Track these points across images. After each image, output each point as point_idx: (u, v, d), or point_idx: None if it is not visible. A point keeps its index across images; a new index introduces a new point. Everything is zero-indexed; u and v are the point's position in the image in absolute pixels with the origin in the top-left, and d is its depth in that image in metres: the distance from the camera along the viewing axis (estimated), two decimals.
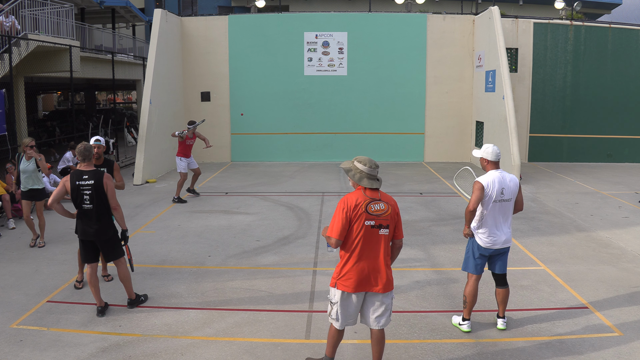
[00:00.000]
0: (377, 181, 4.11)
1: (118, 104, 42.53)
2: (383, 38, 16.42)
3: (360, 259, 3.96)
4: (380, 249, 4.01)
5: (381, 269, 4.01)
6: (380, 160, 16.53)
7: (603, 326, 5.18)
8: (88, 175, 5.34)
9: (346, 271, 3.99)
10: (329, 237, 3.98)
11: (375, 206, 3.99)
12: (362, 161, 4.12)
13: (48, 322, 5.29)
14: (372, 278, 3.99)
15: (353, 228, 3.95)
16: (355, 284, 3.98)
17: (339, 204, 4.00)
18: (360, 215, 3.94)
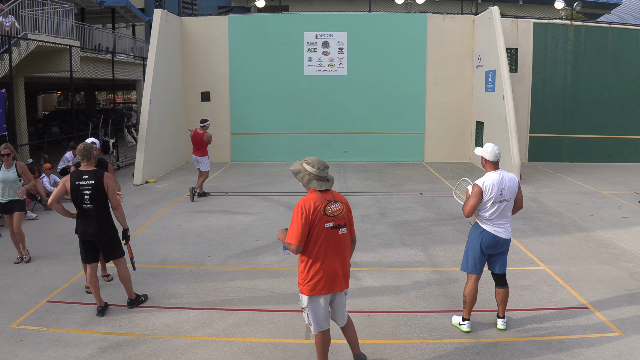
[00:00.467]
0: (327, 182, 4.04)
1: (118, 104, 42.54)
2: (383, 38, 16.42)
3: (325, 262, 3.96)
4: (341, 248, 4.04)
5: (344, 268, 4.08)
6: (380, 160, 16.59)
7: (603, 326, 5.18)
8: (88, 175, 5.34)
9: (312, 276, 3.96)
10: (289, 243, 3.95)
11: (332, 207, 3.97)
12: (311, 163, 4.01)
13: (48, 322, 5.29)
14: (337, 279, 4.03)
15: (314, 232, 3.91)
16: (323, 287, 3.98)
17: (297, 209, 3.91)
18: (320, 218, 3.91)
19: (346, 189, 12.21)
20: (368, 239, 8.17)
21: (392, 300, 5.82)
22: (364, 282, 6.37)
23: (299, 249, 3.95)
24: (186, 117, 16.69)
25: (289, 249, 4.01)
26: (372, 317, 5.42)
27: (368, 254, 7.48)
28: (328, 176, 4.06)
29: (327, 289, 3.99)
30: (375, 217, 9.57)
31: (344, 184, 12.85)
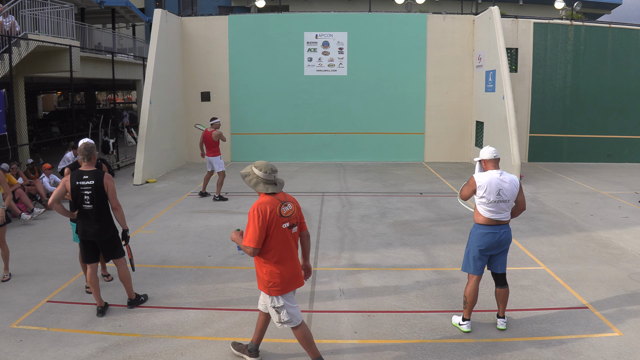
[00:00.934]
0: (274, 185, 4.17)
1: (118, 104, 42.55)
2: (383, 38, 16.41)
3: (285, 261, 4.13)
4: (296, 247, 4.25)
5: (299, 264, 4.28)
6: (380, 160, 16.60)
7: (603, 326, 5.18)
8: (88, 176, 5.34)
9: (278, 276, 4.11)
10: (246, 246, 4.03)
11: (285, 208, 4.14)
12: (259, 166, 4.17)
13: (48, 322, 5.29)
14: (296, 276, 4.23)
15: (272, 234, 4.05)
16: (287, 285, 4.16)
17: (253, 213, 4.03)
18: (277, 220, 4.07)
19: (346, 189, 12.21)
20: (368, 239, 8.17)
21: (392, 300, 5.82)
22: (364, 282, 6.37)
23: (255, 252, 4.06)
24: (186, 117, 16.70)
25: (246, 252, 4.10)
26: (372, 317, 5.42)
27: (368, 254, 7.48)
28: (276, 180, 4.20)
29: (293, 285, 4.21)
30: (375, 217, 9.57)
31: (344, 183, 12.85)
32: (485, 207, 4.88)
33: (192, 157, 16.86)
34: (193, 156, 16.85)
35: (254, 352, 4.57)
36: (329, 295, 5.97)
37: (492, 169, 4.95)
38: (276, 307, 4.17)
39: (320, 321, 5.32)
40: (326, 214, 9.75)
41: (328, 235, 8.40)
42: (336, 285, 6.26)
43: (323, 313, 5.51)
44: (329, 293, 6.04)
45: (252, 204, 4.19)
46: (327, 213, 9.84)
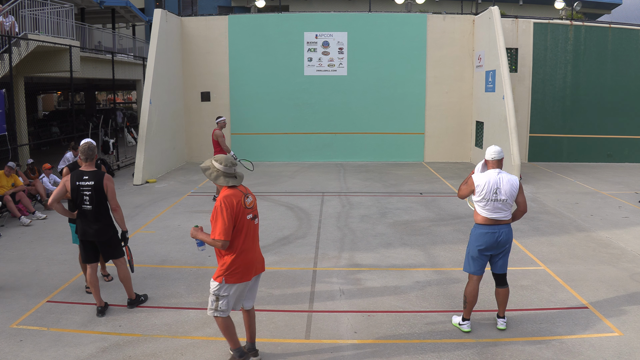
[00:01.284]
0: (234, 179, 4.27)
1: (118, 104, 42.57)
2: (383, 38, 16.41)
3: (247, 251, 4.26)
4: (257, 237, 4.43)
5: (260, 253, 4.45)
6: (380, 160, 16.60)
7: (603, 326, 5.18)
8: (88, 176, 5.34)
9: (236, 265, 4.20)
10: (216, 240, 4.10)
11: (248, 200, 4.29)
12: (219, 160, 4.26)
13: (48, 322, 5.29)
14: (256, 264, 4.36)
15: (238, 226, 4.17)
16: (246, 274, 4.27)
17: (220, 206, 4.10)
18: (243, 211, 4.20)
19: (346, 189, 12.21)
20: (368, 239, 8.17)
21: (392, 300, 5.82)
22: (364, 282, 6.37)
23: (225, 245, 4.13)
24: (186, 117, 16.70)
25: (214, 246, 4.15)
26: (372, 317, 5.42)
27: (368, 254, 7.48)
28: (236, 173, 4.29)
29: (247, 276, 4.29)
30: (375, 217, 9.57)
31: (344, 183, 12.86)
32: (483, 206, 4.88)
33: (192, 157, 16.87)
34: (193, 156, 16.86)
35: (253, 350, 4.58)
36: (329, 295, 5.97)
37: (492, 168, 4.96)
38: (220, 295, 4.23)
39: (320, 321, 5.32)
40: (326, 214, 9.75)
41: (328, 235, 8.40)
42: (336, 285, 6.26)
43: (323, 313, 5.51)
44: (329, 293, 6.04)
45: None
46: (327, 213, 9.84)
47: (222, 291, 4.23)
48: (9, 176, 9.56)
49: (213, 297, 4.26)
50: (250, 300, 4.51)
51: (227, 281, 4.21)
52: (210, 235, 4.15)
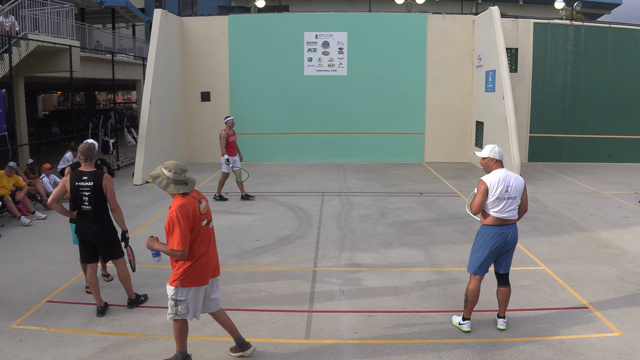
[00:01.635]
0: (185, 185, 4.20)
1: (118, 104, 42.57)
2: (383, 38, 16.41)
3: (204, 256, 4.24)
4: (214, 241, 4.41)
5: (216, 257, 4.42)
6: (380, 160, 16.60)
7: (603, 326, 5.18)
8: (88, 177, 5.34)
9: (193, 270, 4.19)
10: (175, 250, 4.07)
11: (202, 206, 4.25)
12: (168, 167, 4.18)
13: (48, 322, 5.29)
14: (212, 268, 4.34)
15: (194, 233, 4.15)
16: (203, 278, 4.25)
17: (177, 216, 4.05)
18: (198, 218, 4.18)
19: (346, 189, 12.21)
20: (368, 239, 8.17)
21: (392, 300, 5.82)
22: (364, 282, 6.37)
23: (184, 254, 4.12)
24: (186, 117, 16.70)
25: (173, 256, 4.14)
26: (372, 317, 5.42)
27: (368, 254, 7.48)
28: (187, 179, 4.22)
29: (204, 280, 4.27)
30: (375, 217, 9.57)
31: (344, 184, 12.85)
32: (494, 206, 4.85)
33: (192, 157, 16.87)
34: (193, 156, 16.87)
35: (244, 345, 4.58)
36: (329, 295, 5.97)
37: (499, 168, 4.96)
38: (177, 300, 4.21)
39: (320, 321, 5.32)
40: (326, 214, 9.75)
41: (328, 235, 8.40)
42: (336, 285, 6.26)
43: (323, 313, 5.51)
44: (329, 293, 6.04)
45: (252, 203, 4.19)
46: (327, 213, 9.84)
47: (179, 295, 4.20)
48: (10, 176, 9.56)
49: (172, 302, 4.24)
50: (215, 305, 4.46)
51: (183, 285, 4.18)
52: (168, 246, 4.10)
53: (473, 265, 5.02)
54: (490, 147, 5.00)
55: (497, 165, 4.98)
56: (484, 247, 4.92)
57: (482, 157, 5.03)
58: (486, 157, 5.00)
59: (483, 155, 5.02)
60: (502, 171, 4.92)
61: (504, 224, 4.90)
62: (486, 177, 4.90)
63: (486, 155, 4.99)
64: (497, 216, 4.86)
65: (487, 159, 5.00)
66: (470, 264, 5.06)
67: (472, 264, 5.03)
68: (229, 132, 10.59)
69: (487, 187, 4.84)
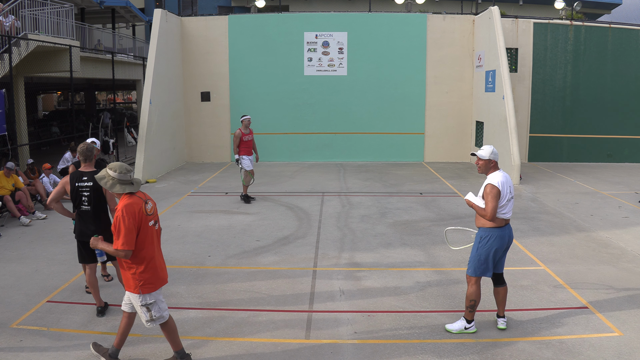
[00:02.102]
0: (131, 185, 4.21)
1: (118, 104, 42.57)
2: (383, 38, 16.41)
3: (154, 258, 4.24)
4: (159, 242, 4.39)
5: (163, 260, 4.41)
6: (380, 160, 16.59)
7: (603, 326, 5.18)
8: (87, 177, 5.34)
9: (149, 274, 4.18)
10: (119, 250, 4.05)
11: (148, 206, 4.24)
12: (113, 167, 4.20)
13: (48, 322, 5.29)
14: (164, 271, 4.36)
15: (142, 233, 4.14)
16: (159, 279, 4.27)
17: (122, 215, 4.05)
18: (144, 218, 4.17)
19: (346, 189, 12.21)
20: (368, 239, 8.17)
21: (392, 300, 5.82)
22: (364, 282, 6.37)
23: (128, 254, 4.10)
24: (186, 117, 16.70)
25: (117, 256, 4.11)
26: (372, 317, 5.42)
27: (368, 254, 7.48)
28: (132, 179, 4.23)
29: (163, 281, 4.31)
30: (375, 217, 9.57)
31: (344, 184, 12.85)
32: (502, 207, 4.84)
33: (192, 157, 16.87)
34: (193, 156, 16.87)
35: (115, 357, 4.49)
36: (329, 295, 5.97)
37: (496, 169, 4.96)
38: (148, 305, 4.20)
39: (320, 321, 5.32)
40: (326, 214, 9.75)
41: (328, 235, 8.40)
42: (336, 285, 6.26)
43: (323, 313, 5.51)
44: (329, 293, 6.04)
45: (252, 203, 4.19)
46: (327, 213, 9.84)
47: (147, 299, 4.21)
48: (9, 177, 9.56)
49: (143, 308, 4.22)
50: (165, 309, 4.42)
51: (144, 291, 4.18)
52: (113, 245, 4.09)
53: (479, 268, 4.94)
54: (490, 148, 4.95)
55: (495, 167, 4.97)
56: (490, 249, 4.89)
57: (483, 158, 4.95)
58: (486, 159, 4.94)
59: (484, 156, 4.94)
60: (501, 172, 4.93)
61: (506, 224, 4.92)
62: (494, 181, 4.82)
63: (487, 156, 4.93)
64: (502, 217, 4.87)
65: (486, 161, 4.95)
66: (475, 266, 4.96)
67: (477, 266, 4.95)
68: (243, 132, 10.52)
69: (499, 190, 4.79)
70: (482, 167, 4.98)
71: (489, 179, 4.87)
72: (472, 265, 4.99)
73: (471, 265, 5.00)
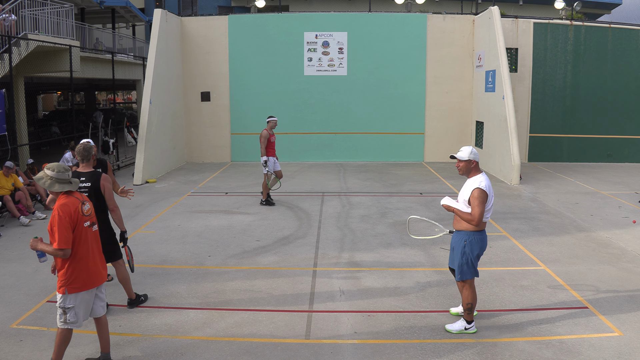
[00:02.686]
0: (69, 184, 4.26)
1: (118, 104, 42.56)
2: (383, 38, 16.41)
3: (87, 259, 4.24)
4: (97, 244, 4.41)
5: (102, 261, 4.45)
6: (380, 160, 16.59)
7: (603, 326, 5.18)
8: (85, 177, 5.32)
9: (76, 273, 4.18)
10: (57, 250, 4.07)
11: (85, 207, 4.28)
12: (51, 167, 4.27)
13: (48, 322, 5.29)
14: (98, 273, 4.35)
15: (76, 233, 4.17)
16: (89, 281, 4.25)
17: (58, 215, 4.07)
18: (80, 218, 4.20)
19: (346, 189, 12.21)
20: (368, 239, 8.17)
21: (392, 300, 5.82)
22: (364, 282, 6.37)
23: (67, 254, 4.13)
24: (186, 117, 16.70)
25: (56, 255, 4.13)
26: (372, 317, 5.42)
27: (368, 254, 7.48)
28: (71, 179, 4.28)
29: (89, 285, 4.27)
30: (375, 217, 9.57)
31: (344, 183, 12.85)
32: (487, 211, 4.83)
33: (192, 157, 16.87)
34: (193, 156, 16.87)
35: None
36: (329, 295, 5.97)
37: (478, 171, 4.87)
38: (66, 307, 4.19)
39: (320, 321, 5.32)
40: (326, 214, 9.75)
41: (328, 235, 8.40)
42: (336, 285, 6.26)
43: (323, 313, 5.51)
44: (329, 293, 6.04)
45: (252, 203, 4.18)
46: (327, 213, 9.84)
47: (67, 303, 4.18)
48: (9, 176, 9.56)
49: (60, 310, 4.21)
50: (100, 308, 4.43)
51: (70, 291, 4.17)
52: (53, 245, 4.11)
53: (468, 271, 4.91)
54: (469, 149, 4.84)
55: (476, 168, 4.86)
56: (476, 252, 4.89)
57: (463, 159, 4.82)
58: (467, 160, 4.82)
59: (464, 157, 4.82)
60: (484, 174, 4.87)
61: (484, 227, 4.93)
62: (482, 185, 4.73)
63: (467, 157, 4.81)
64: (486, 221, 4.87)
65: (467, 162, 4.83)
66: (465, 271, 4.91)
67: (467, 270, 4.91)
68: (270, 133, 10.51)
69: (487, 195, 4.74)
70: (463, 169, 4.87)
71: (476, 183, 4.76)
72: (462, 270, 4.92)
73: (459, 271, 4.94)
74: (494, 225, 8.97)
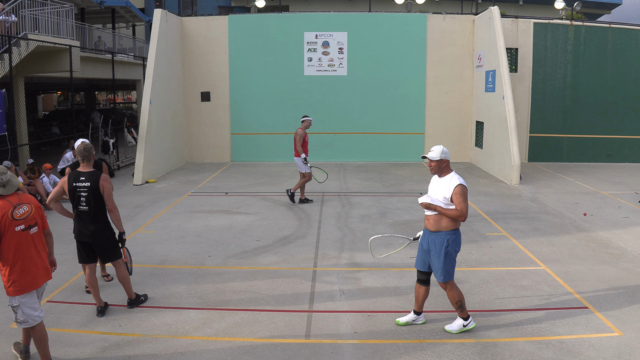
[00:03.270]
0: (3, 188, 4.18)
1: (118, 104, 42.56)
2: (383, 38, 16.41)
3: (23, 262, 4.21)
4: (35, 246, 4.32)
5: (43, 262, 4.39)
6: (380, 160, 16.59)
7: (603, 326, 5.18)
8: (85, 177, 5.32)
9: (15, 278, 4.19)
10: None
11: (19, 211, 4.20)
12: None
13: (48, 322, 5.28)
14: (38, 275, 4.32)
15: (6, 238, 4.11)
16: (27, 285, 4.24)
17: None
18: (9, 224, 4.12)
19: (346, 189, 12.21)
20: (368, 239, 8.16)
21: (392, 300, 5.82)
22: (364, 282, 6.37)
23: None
24: (186, 117, 16.70)
25: None
26: (372, 317, 5.42)
27: (368, 254, 7.47)
28: (4, 182, 4.19)
29: (33, 285, 4.29)
30: (375, 217, 9.57)
31: (344, 184, 12.85)
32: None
33: (192, 157, 16.87)
34: (193, 156, 16.87)
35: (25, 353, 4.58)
36: (329, 295, 5.97)
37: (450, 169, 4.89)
38: (13, 307, 4.26)
39: (320, 321, 5.32)
40: (326, 214, 9.75)
41: (328, 235, 8.40)
42: (336, 285, 6.26)
43: (323, 313, 5.51)
44: (329, 293, 6.04)
45: (252, 203, 4.17)
46: (327, 213, 9.84)
47: (13, 302, 4.25)
48: None
49: (11, 309, 4.31)
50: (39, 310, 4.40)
51: (11, 294, 4.22)
52: None
53: (451, 270, 4.90)
54: (440, 148, 4.82)
55: (448, 166, 4.86)
56: (458, 250, 4.90)
57: (434, 159, 4.79)
58: (438, 159, 4.80)
59: (435, 157, 4.78)
60: (454, 172, 4.86)
61: None
62: (462, 181, 4.75)
63: (438, 157, 4.78)
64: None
65: (438, 161, 4.81)
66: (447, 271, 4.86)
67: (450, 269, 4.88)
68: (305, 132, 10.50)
69: (467, 189, 4.78)
70: (435, 168, 4.85)
71: (455, 180, 4.74)
72: (444, 271, 4.87)
73: (443, 272, 4.87)
74: (494, 225, 8.97)
